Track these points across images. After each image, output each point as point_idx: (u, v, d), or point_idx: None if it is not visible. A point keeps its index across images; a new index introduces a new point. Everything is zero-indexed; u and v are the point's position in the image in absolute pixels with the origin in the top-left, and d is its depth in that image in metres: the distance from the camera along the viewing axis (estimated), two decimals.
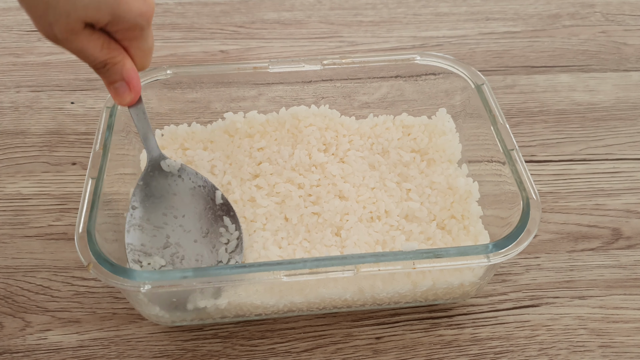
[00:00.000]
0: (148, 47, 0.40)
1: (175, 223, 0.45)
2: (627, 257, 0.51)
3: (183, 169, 0.47)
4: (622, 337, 0.46)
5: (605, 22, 0.77)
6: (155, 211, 0.45)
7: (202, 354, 0.45)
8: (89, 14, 0.35)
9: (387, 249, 0.46)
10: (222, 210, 0.47)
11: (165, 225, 0.45)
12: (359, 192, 0.49)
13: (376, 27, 0.76)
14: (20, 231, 0.52)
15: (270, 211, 0.48)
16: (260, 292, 0.42)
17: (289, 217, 0.48)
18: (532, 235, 0.40)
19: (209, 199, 0.47)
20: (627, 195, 0.56)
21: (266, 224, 0.47)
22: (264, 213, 0.48)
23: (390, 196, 0.49)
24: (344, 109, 0.56)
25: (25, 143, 0.60)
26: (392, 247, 0.46)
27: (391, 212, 0.48)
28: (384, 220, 0.48)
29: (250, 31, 0.75)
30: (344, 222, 0.47)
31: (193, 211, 0.46)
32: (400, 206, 0.49)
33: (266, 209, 0.48)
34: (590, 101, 0.66)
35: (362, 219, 0.48)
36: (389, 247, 0.46)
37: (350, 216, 0.48)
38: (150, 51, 0.41)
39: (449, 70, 0.53)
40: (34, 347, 0.45)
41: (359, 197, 0.49)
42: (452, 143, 0.53)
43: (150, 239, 0.44)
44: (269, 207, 0.48)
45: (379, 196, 0.49)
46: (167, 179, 0.46)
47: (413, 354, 0.45)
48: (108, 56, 0.38)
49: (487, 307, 0.48)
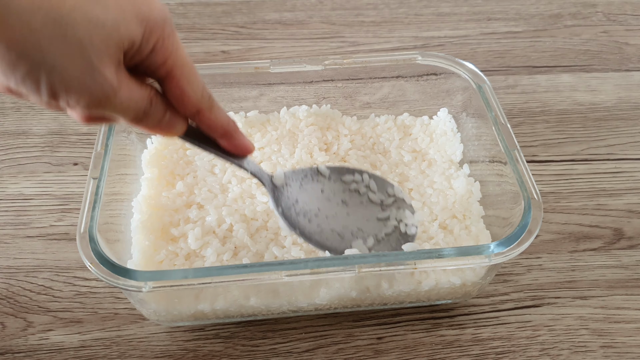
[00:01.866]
0: (189, 58, 0.32)
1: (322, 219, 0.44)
2: (628, 257, 0.51)
3: (287, 175, 0.45)
4: (624, 337, 0.46)
5: (606, 22, 0.77)
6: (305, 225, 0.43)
7: (204, 354, 0.45)
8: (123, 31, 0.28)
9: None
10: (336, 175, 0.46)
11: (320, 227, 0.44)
12: None
13: (378, 27, 0.76)
14: (22, 231, 0.52)
15: (271, 208, 0.48)
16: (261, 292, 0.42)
17: None
18: (534, 235, 0.40)
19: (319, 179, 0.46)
20: (629, 195, 0.56)
21: (268, 221, 0.47)
22: (265, 209, 0.48)
23: None
24: (346, 109, 0.56)
25: (27, 143, 0.60)
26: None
27: None
28: None
29: (252, 31, 0.75)
30: None
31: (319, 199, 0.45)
32: None
33: (266, 205, 0.48)
34: (592, 101, 0.66)
35: None
36: None
37: None
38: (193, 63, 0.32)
39: (451, 71, 0.53)
40: (35, 347, 0.45)
41: None
42: (454, 143, 0.53)
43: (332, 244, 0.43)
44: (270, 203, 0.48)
45: None
46: (282, 194, 0.45)
47: (414, 354, 0.45)
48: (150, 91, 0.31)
49: (488, 308, 0.48)
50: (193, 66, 0.32)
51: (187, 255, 0.45)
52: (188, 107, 0.33)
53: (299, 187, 0.45)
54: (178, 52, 0.31)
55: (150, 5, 0.29)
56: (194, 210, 0.48)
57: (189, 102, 0.32)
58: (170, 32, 0.30)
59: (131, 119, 0.31)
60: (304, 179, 0.46)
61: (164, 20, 0.29)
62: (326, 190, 0.46)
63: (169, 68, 0.31)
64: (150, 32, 0.29)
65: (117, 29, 0.27)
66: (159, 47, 0.30)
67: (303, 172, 0.46)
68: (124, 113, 0.30)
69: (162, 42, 0.30)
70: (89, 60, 0.27)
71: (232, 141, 0.36)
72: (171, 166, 0.51)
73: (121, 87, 0.29)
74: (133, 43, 0.29)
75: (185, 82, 0.31)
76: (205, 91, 0.33)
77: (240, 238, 0.46)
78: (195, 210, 0.48)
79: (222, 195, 0.49)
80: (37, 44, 0.25)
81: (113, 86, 0.28)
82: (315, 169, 0.46)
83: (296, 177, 0.46)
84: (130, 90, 0.29)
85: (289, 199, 0.44)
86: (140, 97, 0.30)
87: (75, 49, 0.26)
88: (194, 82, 0.32)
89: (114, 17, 0.27)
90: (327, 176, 0.46)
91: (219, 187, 0.50)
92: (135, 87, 0.30)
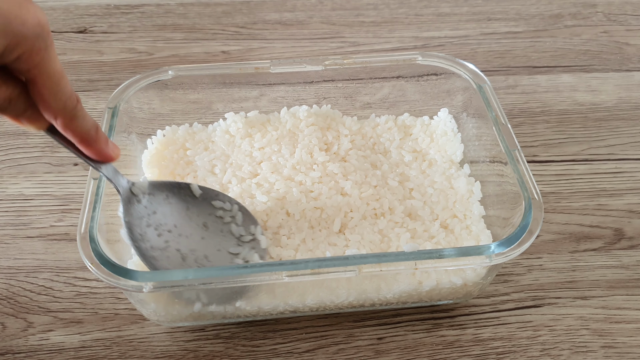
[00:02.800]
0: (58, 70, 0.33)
1: (174, 236, 0.43)
2: (629, 257, 0.51)
3: (152, 184, 0.44)
4: (625, 337, 0.46)
5: (607, 22, 0.77)
6: (151, 238, 0.43)
7: (204, 355, 0.45)
8: None
9: (392, 247, 0.46)
10: (207, 198, 0.46)
11: (167, 243, 0.43)
12: (361, 190, 0.49)
13: (378, 28, 0.76)
14: (22, 232, 0.52)
15: (270, 207, 0.48)
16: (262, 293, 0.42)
17: (291, 213, 0.48)
18: (534, 235, 0.40)
19: (188, 197, 0.45)
20: (630, 195, 0.56)
21: (267, 220, 0.47)
22: (265, 210, 0.48)
23: (393, 194, 0.49)
24: (346, 110, 0.56)
25: (28, 144, 0.60)
26: (398, 245, 0.46)
27: (395, 209, 0.48)
28: (388, 217, 0.48)
29: (252, 32, 0.75)
30: (348, 220, 0.47)
31: (180, 216, 0.45)
32: (404, 204, 0.49)
33: (266, 205, 0.48)
34: (593, 101, 0.66)
35: (366, 215, 0.48)
36: (394, 245, 0.46)
37: (354, 213, 0.48)
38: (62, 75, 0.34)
39: (451, 71, 0.53)
40: (36, 347, 0.45)
41: (361, 194, 0.49)
42: (454, 143, 0.53)
43: (168, 263, 0.42)
44: (269, 203, 0.48)
45: (381, 193, 0.49)
46: (141, 202, 0.43)
47: (415, 355, 0.45)
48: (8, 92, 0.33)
49: (489, 308, 0.48)
50: (61, 78, 0.34)
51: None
52: (47, 112, 0.35)
53: (164, 199, 0.44)
54: (45, 65, 0.33)
55: (23, 20, 0.30)
56: None
57: (47, 109, 0.35)
58: (42, 47, 0.32)
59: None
60: (171, 192, 0.45)
61: (35, 37, 0.31)
62: (192, 208, 0.45)
63: (32, 76, 0.33)
64: (16, 45, 0.31)
65: None
66: (25, 58, 0.32)
67: (173, 186, 0.45)
68: None
69: (28, 54, 0.32)
70: None
71: (89, 149, 0.38)
72: (171, 166, 0.51)
73: None
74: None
75: (46, 91, 0.34)
76: (69, 102, 0.35)
77: None
78: None
79: None
80: None
81: None
82: (187, 185, 0.46)
83: (164, 188, 0.45)
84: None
85: (147, 209, 0.43)
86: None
87: None
88: (56, 93, 0.34)
89: None
90: (198, 196, 0.46)
91: (219, 187, 0.50)
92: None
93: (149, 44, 0.73)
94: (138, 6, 0.78)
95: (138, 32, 0.74)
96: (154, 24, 0.76)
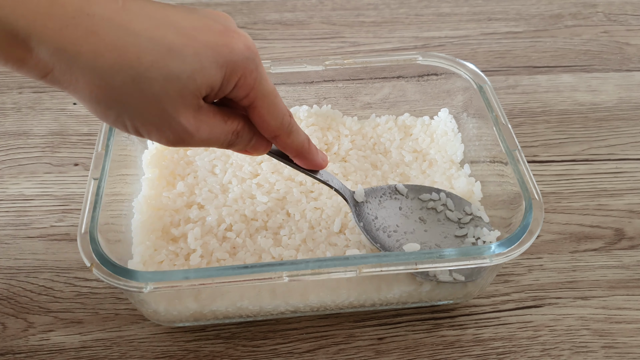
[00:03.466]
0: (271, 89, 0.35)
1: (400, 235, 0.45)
2: (630, 257, 0.51)
3: (367, 192, 0.47)
4: (625, 337, 0.46)
5: (607, 22, 0.77)
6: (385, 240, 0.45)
7: (205, 355, 0.45)
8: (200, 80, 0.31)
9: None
10: (413, 193, 0.47)
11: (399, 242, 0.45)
12: None
13: (378, 28, 0.76)
14: (22, 232, 0.52)
15: (271, 207, 0.48)
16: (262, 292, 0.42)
17: (291, 213, 0.48)
18: (535, 235, 0.40)
19: (397, 197, 0.47)
20: (630, 195, 0.56)
21: (267, 221, 0.47)
22: (265, 210, 0.48)
23: None
24: (346, 110, 0.56)
25: (28, 144, 0.60)
26: None
27: None
28: None
29: (252, 32, 0.75)
30: (348, 220, 0.47)
31: (397, 216, 0.46)
32: None
33: (267, 205, 0.48)
34: (593, 101, 0.66)
35: None
36: None
37: None
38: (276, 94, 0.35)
39: (451, 71, 0.53)
40: (36, 347, 0.45)
41: None
42: (454, 143, 0.53)
43: None
44: (270, 203, 0.48)
45: None
46: (363, 209, 0.46)
47: (415, 355, 0.45)
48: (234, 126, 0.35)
49: (489, 308, 0.48)
50: (275, 96, 0.35)
51: (187, 255, 0.45)
52: (267, 132, 0.37)
53: (378, 204, 0.47)
54: (260, 86, 0.34)
55: (231, 47, 0.31)
56: (195, 211, 0.48)
57: (268, 129, 0.36)
58: (253, 68, 0.33)
59: (218, 147, 0.36)
60: (382, 196, 0.47)
61: (245, 60, 0.32)
62: (404, 207, 0.47)
63: (251, 100, 0.34)
64: (232, 73, 0.32)
65: (194, 79, 0.31)
66: (241, 84, 0.33)
67: (382, 190, 0.47)
68: (207, 145, 0.35)
69: (243, 80, 0.33)
70: (165, 110, 0.31)
71: (304, 161, 0.41)
72: (172, 166, 0.51)
73: (200, 128, 0.33)
74: (212, 88, 0.32)
75: (265, 112, 0.35)
76: (286, 118, 0.37)
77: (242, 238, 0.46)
78: (196, 211, 0.48)
79: (222, 195, 0.49)
80: (119, 99, 0.30)
81: (188, 130, 0.32)
82: (393, 187, 0.48)
83: (375, 194, 0.47)
84: (211, 128, 0.33)
85: (369, 215, 0.46)
86: (222, 132, 0.34)
87: (151, 101, 0.30)
88: (273, 112, 0.35)
89: (191, 69, 0.30)
90: (405, 194, 0.47)
91: (220, 188, 0.50)
92: (218, 124, 0.34)
93: None
94: None
95: None
96: None
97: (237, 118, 0.36)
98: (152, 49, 0.29)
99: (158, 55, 0.30)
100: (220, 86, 0.32)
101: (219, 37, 0.32)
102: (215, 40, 0.31)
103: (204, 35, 0.31)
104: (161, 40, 0.30)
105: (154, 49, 0.29)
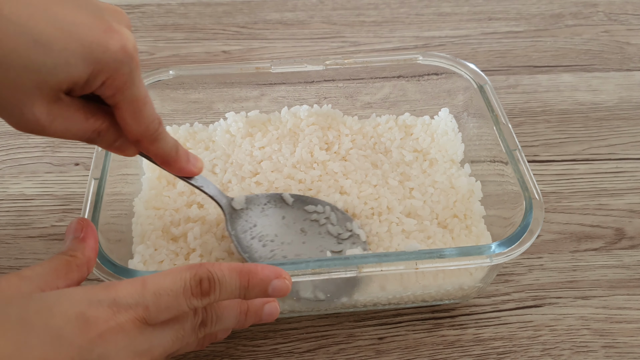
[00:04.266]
0: (140, 96, 0.34)
1: (277, 245, 0.45)
2: (630, 257, 0.51)
3: (247, 199, 0.46)
4: (626, 337, 0.46)
5: (608, 22, 0.77)
6: (258, 249, 0.44)
7: (205, 354, 0.45)
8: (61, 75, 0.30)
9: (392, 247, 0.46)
10: (299, 204, 0.47)
11: (273, 252, 0.44)
12: (360, 189, 0.49)
13: (378, 27, 0.76)
14: (23, 232, 0.52)
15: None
16: None
17: None
18: (535, 235, 0.40)
19: (281, 206, 0.47)
20: (630, 195, 0.56)
21: None
22: None
23: (392, 194, 0.49)
24: (347, 109, 0.56)
25: (29, 144, 0.60)
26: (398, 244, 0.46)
27: (393, 209, 0.48)
28: (386, 217, 0.48)
29: (253, 32, 0.75)
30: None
31: (278, 225, 0.46)
32: (403, 203, 0.49)
33: None
34: (593, 101, 0.66)
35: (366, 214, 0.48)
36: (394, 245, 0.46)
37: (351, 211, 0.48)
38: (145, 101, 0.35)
39: (452, 70, 0.53)
40: None
41: (360, 193, 0.49)
42: (455, 143, 0.53)
43: None
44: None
45: (381, 193, 0.49)
46: (241, 217, 0.46)
47: (416, 354, 0.45)
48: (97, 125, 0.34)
49: (489, 308, 0.48)
50: (144, 104, 0.35)
51: (187, 255, 0.45)
52: (129, 135, 0.36)
53: (261, 211, 0.46)
54: (128, 90, 0.33)
55: (105, 47, 0.31)
56: (195, 210, 0.48)
57: (130, 132, 0.36)
58: (126, 72, 0.32)
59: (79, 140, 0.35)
60: (267, 204, 0.47)
61: (117, 62, 0.32)
62: (287, 217, 0.47)
63: (116, 101, 0.34)
64: (99, 72, 0.32)
65: (55, 73, 0.30)
66: (108, 84, 0.32)
67: (267, 198, 0.47)
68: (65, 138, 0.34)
69: (111, 81, 0.32)
70: (17, 99, 0.30)
71: (170, 168, 0.40)
72: None
73: (54, 122, 0.32)
74: (75, 83, 0.31)
75: (127, 115, 0.34)
76: (152, 125, 0.36)
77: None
78: (196, 210, 0.48)
79: None
80: None
81: (40, 122, 0.31)
82: (279, 195, 0.47)
83: (259, 201, 0.47)
84: (68, 123, 0.33)
85: (247, 222, 0.45)
86: (80, 129, 0.34)
87: (7, 87, 0.30)
88: (138, 117, 0.35)
89: (54, 62, 0.30)
90: (291, 204, 0.47)
91: (220, 187, 0.50)
92: (78, 120, 0.33)
93: (150, 43, 0.73)
94: (139, 6, 0.79)
95: (139, 32, 0.74)
96: (154, 23, 0.76)
97: (102, 117, 0.35)
98: (17, 37, 0.29)
99: (21, 44, 0.29)
100: (85, 82, 0.32)
101: (97, 35, 0.31)
102: (92, 37, 0.31)
103: (81, 31, 0.31)
104: (30, 29, 0.29)
105: (20, 37, 0.29)
